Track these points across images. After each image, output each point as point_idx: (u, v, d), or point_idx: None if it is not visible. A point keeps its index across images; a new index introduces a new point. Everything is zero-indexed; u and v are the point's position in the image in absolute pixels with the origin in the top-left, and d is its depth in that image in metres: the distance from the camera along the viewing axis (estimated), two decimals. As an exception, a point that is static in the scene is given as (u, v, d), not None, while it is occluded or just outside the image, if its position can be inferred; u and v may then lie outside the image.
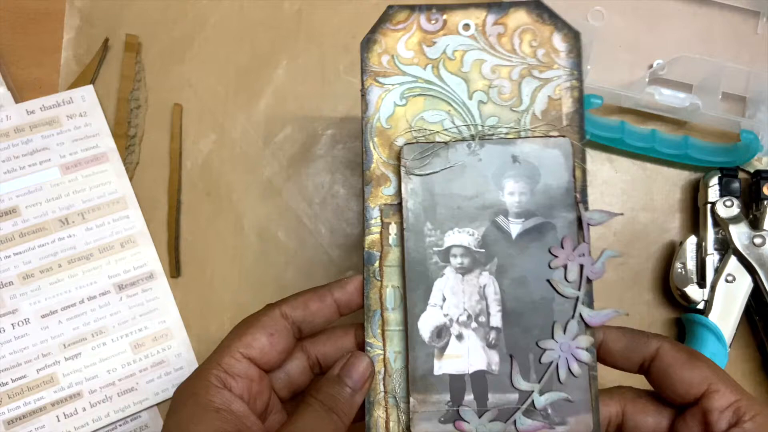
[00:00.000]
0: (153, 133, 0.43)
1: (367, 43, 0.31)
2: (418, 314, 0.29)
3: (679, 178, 0.43)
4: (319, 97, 0.44)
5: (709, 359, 0.28)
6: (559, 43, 0.30)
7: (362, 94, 0.30)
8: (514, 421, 0.28)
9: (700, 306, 0.40)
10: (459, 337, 0.29)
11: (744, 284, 0.39)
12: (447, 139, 0.30)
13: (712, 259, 0.40)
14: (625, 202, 0.43)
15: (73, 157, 0.41)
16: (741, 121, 0.41)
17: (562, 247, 0.29)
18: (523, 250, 0.29)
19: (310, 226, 0.42)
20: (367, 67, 0.31)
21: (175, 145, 0.43)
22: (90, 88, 0.42)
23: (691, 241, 0.41)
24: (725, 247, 0.40)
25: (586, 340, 0.28)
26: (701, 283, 0.40)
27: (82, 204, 0.41)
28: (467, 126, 0.30)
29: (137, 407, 0.40)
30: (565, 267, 0.29)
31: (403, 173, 0.30)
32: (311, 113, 0.44)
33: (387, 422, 0.29)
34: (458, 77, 0.30)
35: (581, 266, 0.29)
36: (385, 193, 0.30)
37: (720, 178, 0.41)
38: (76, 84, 0.42)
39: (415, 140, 0.30)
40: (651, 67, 0.44)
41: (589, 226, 0.29)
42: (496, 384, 0.28)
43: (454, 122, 0.30)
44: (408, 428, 0.28)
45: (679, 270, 0.40)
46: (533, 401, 0.28)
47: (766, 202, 0.40)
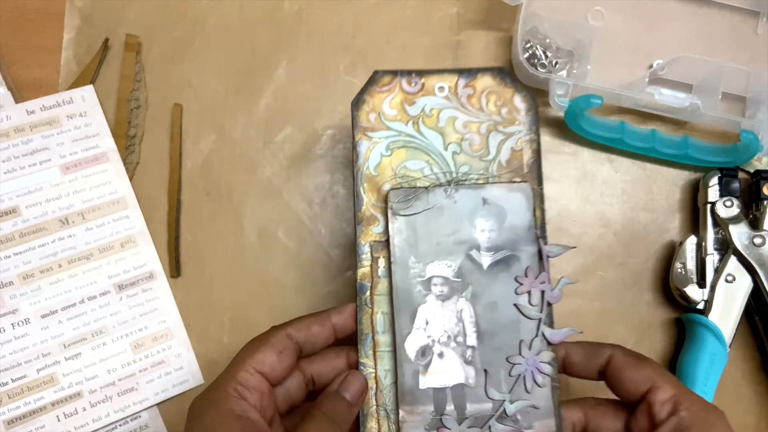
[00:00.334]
0: (153, 133, 0.43)
1: (357, 103, 0.35)
2: (404, 336, 0.33)
3: (679, 178, 0.43)
4: (319, 97, 0.44)
5: (654, 362, 0.32)
6: (520, 103, 0.35)
7: (353, 147, 0.35)
8: (489, 427, 0.32)
9: (700, 306, 0.40)
10: (440, 355, 0.33)
11: (744, 284, 0.39)
12: (427, 184, 0.34)
13: (712, 259, 0.40)
14: (625, 202, 0.43)
15: (73, 157, 0.41)
16: (741, 121, 0.41)
17: (526, 276, 0.33)
18: (494, 279, 0.33)
19: (310, 226, 0.42)
20: (358, 123, 0.35)
21: (175, 145, 0.43)
22: (90, 88, 0.42)
23: (691, 241, 0.41)
24: (725, 247, 0.40)
25: (548, 355, 0.32)
26: (701, 283, 0.40)
27: (82, 204, 0.41)
28: (444, 173, 0.35)
29: (137, 407, 0.40)
30: (529, 293, 0.33)
31: (389, 214, 0.34)
32: (311, 113, 0.44)
33: None
34: (435, 131, 0.35)
35: (542, 292, 0.33)
36: (374, 231, 0.34)
37: (720, 178, 0.41)
38: (76, 84, 0.42)
39: (399, 186, 0.34)
40: (651, 67, 0.44)
41: (549, 257, 0.33)
42: (473, 395, 0.32)
43: (432, 170, 0.35)
44: None
45: (679, 270, 0.40)
46: (505, 409, 0.32)
47: (766, 202, 0.40)
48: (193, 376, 0.41)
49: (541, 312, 0.33)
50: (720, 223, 0.40)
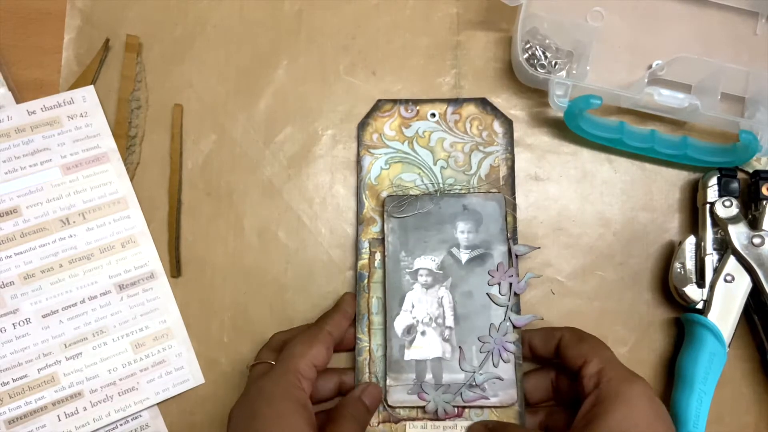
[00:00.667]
0: (153, 134, 0.43)
1: (362, 126, 0.43)
2: (394, 317, 0.39)
3: (678, 178, 0.43)
4: (319, 97, 0.44)
5: (595, 339, 0.36)
6: (498, 127, 0.43)
7: (357, 161, 0.42)
8: (461, 394, 0.38)
9: (700, 306, 0.40)
10: (423, 334, 0.39)
11: (743, 284, 0.40)
12: (418, 193, 0.41)
13: (711, 259, 0.40)
14: (625, 202, 0.43)
15: (74, 157, 0.42)
16: (740, 121, 0.41)
17: (497, 270, 0.40)
18: (470, 272, 0.40)
19: (310, 226, 0.43)
20: (362, 141, 0.43)
21: (176, 145, 0.43)
22: (91, 88, 0.42)
23: (690, 241, 0.41)
24: (724, 247, 0.40)
25: (513, 336, 0.39)
26: (700, 283, 0.40)
27: (83, 204, 0.41)
28: (432, 184, 0.42)
29: (138, 407, 0.40)
30: (500, 284, 0.40)
31: (385, 216, 0.41)
32: (311, 113, 0.44)
33: None
34: (426, 150, 0.42)
35: (510, 284, 0.40)
36: (373, 230, 0.41)
37: (719, 179, 0.41)
38: (77, 84, 0.43)
39: (394, 193, 0.42)
40: (650, 67, 0.44)
41: (517, 256, 0.40)
42: (449, 367, 0.39)
43: (423, 181, 0.42)
44: (385, 399, 0.38)
45: (679, 270, 0.41)
46: (474, 379, 0.39)
47: (765, 202, 0.40)
48: (194, 376, 0.41)
49: (509, 300, 0.40)
50: (719, 223, 0.40)
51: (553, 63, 0.43)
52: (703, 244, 0.41)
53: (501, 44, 0.44)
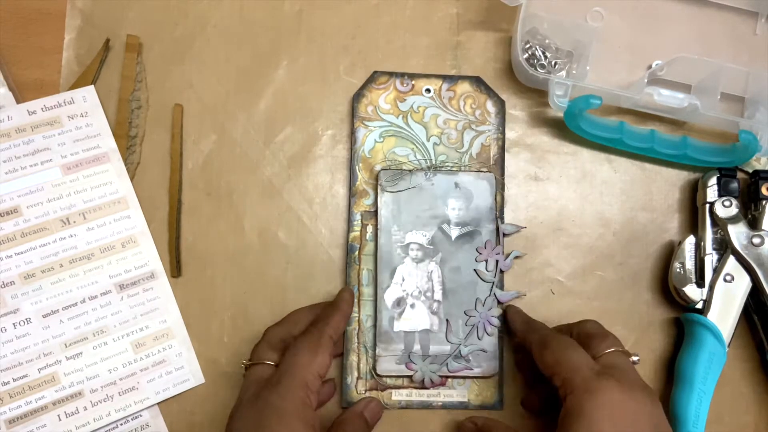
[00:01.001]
0: (154, 134, 0.43)
1: (358, 97, 0.43)
2: (384, 289, 0.41)
3: (678, 178, 0.43)
4: (319, 97, 0.44)
5: (563, 342, 0.34)
6: (491, 107, 0.43)
7: (352, 132, 0.43)
8: (447, 364, 0.40)
9: (699, 306, 0.40)
10: (412, 306, 0.41)
11: (742, 284, 0.40)
12: (411, 168, 0.42)
13: (711, 259, 0.40)
14: (624, 202, 0.43)
15: (75, 157, 0.42)
16: (740, 121, 0.41)
17: (485, 248, 0.41)
18: (459, 248, 0.41)
19: (310, 226, 0.43)
20: (357, 113, 0.43)
21: (176, 145, 0.43)
22: (91, 88, 0.42)
23: (690, 241, 0.41)
24: (724, 246, 0.40)
25: (497, 311, 0.41)
26: (700, 283, 0.40)
27: (84, 204, 0.41)
28: (425, 160, 0.42)
29: (138, 406, 0.40)
30: (486, 261, 0.41)
31: (379, 190, 0.41)
32: (311, 113, 0.44)
33: (359, 363, 0.41)
34: (420, 125, 0.43)
35: (497, 261, 0.41)
36: (365, 203, 0.42)
37: (719, 178, 0.41)
38: (78, 84, 0.43)
39: (388, 167, 0.42)
40: (650, 67, 0.44)
41: (504, 234, 0.42)
42: (436, 339, 0.40)
43: (416, 156, 0.42)
44: (374, 368, 0.40)
45: (678, 270, 0.41)
46: (460, 351, 0.40)
47: (764, 202, 0.40)
48: (194, 376, 0.41)
49: (495, 277, 0.41)
50: (719, 223, 0.40)
51: (553, 63, 0.43)
52: (702, 244, 0.41)
53: (501, 44, 0.44)
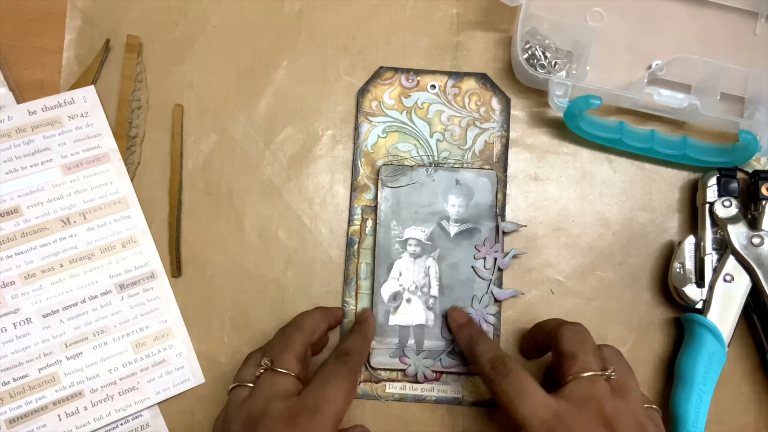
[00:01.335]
0: (154, 134, 0.43)
1: (362, 92, 0.43)
2: (381, 283, 0.41)
3: (678, 178, 0.43)
4: (319, 98, 0.44)
5: (512, 371, 0.33)
6: (496, 104, 0.43)
7: (355, 127, 0.43)
8: (440, 359, 0.40)
9: (699, 306, 0.40)
10: (408, 301, 0.41)
11: (742, 284, 0.40)
12: (412, 163, 0.42)
13: (711, 259, 0.40)
14: (624, 202, 0.43)
15: (75, 157, 0.42)
16: (739, 121, 0.41)
17: (484, 245, 0.41)
18: (458, 245, 0.41)
19: (310, 226, 0.43)
20: (361, 108, 0.43)
21: (176, 145, 0.43)
22: (91, 88, 0.42)
23: (690, 241, 0.41)
24: (724, 246, 0.40)
25: (494, 308, 0.41)
26: (700, 283, 0.40)
27: (84, 204, 0.41)
28: (427, 156, 0.42)
29: (138, 406, 0.40)
30: (485, 259, 0.41)
31: (379, 185, 0.42)
32: (311, 113, 0.44)
33: None
34: (424, 121, 0.43)
35: (495, 259, 0.41)
36: (366, 197, 0.42)
37: (718, 179, 0.41)
38: (78, 84, 0.43)
39: (390, 162, 0.42)
40: (650, 67, 0.44)
41: (504, 233, 0.42)
42: (431, 334, 0.41)
43: (418, 152, 0.43)
44: (368, 360, 0.40)
45: (678, 270, 0.41)
46: (454, 347, 0.40)
47: (764, 202, 0.40)
48: (194, 375, 0.41)
49: (492, 275, 0.41)
50: (718, 223, 0.40)
51: (553, 63, 0.43)
52: (702, 244, 0.41)
53: (501, 44, 0.44)
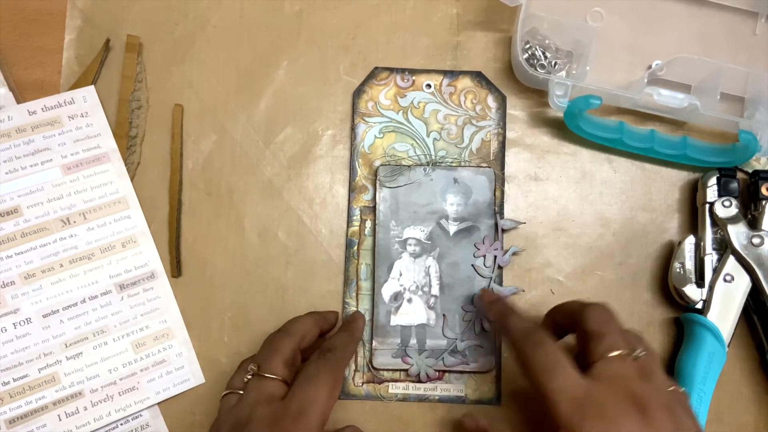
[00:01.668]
0: (154, 134, 0.43)
1: (358, 93, 0.43)
2: (382, 283, 0.41)
3: (678, 178, 0.43)
4: (319, 98, 0.44)
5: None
6: (492, 102, 0.43)
7: (352, 128, 0.43)
8: (443, 358, 0.40)
9: (699, 306, 0.40)
10: (409, 301, 0.41)
11: (742, 284, 0.40)
12: (410, 163, 0.42)
13: (711, 259, 0.40)
14: (624, 202, 0.43)
15: (75, 157, 0.42)
16: (739, 121, 0.41)
17: (483, 243, 0.41)
18: (457, 244, 0.41)
19: (310, 226, 0.43)
20: (357, 109, 0.43)
21: (176, 145, 0.43)
22: (91, 88, 0.42)
23: (690, 241, 0.41)
24: (724, 246, 0.40)
25: None
26: (700, 283, 0.40)
27: (84, 204, 0.41)
28: (424, 155, 0.43)
29: (138, 406, 0.40)
30: (485, 257, 0.41)
31: (378, 185, 0.42)
32: (311, 113, 0.44)
33: (356, 357, 0.41)
34: (420, 120, 0.43)
35: (495, 257, 0.41)
36: (365, 198, 0.42)
37: (718, 179, 0.41)
38: (78, 84, 0.43)
39: (387, 163, 0.42)
40: (650, 67, 0.44)
41: (503, 230, 0.42)
42: (432, 333, 0.41)
43: (415, 152, 0.43)
44: (371, 361, 0.41)
45: (678, 270, 0.41)
46: (456, 346, 0.41)
47: (764, 202, 0.40)
48: (194, 376, 0.41)
49: (493, 273, 0.41)
50: (718, 223, 0.40)
51: (553, 63, 0.43)
52: (702, 244, 0.41)
53: (501, 44, 0.44)
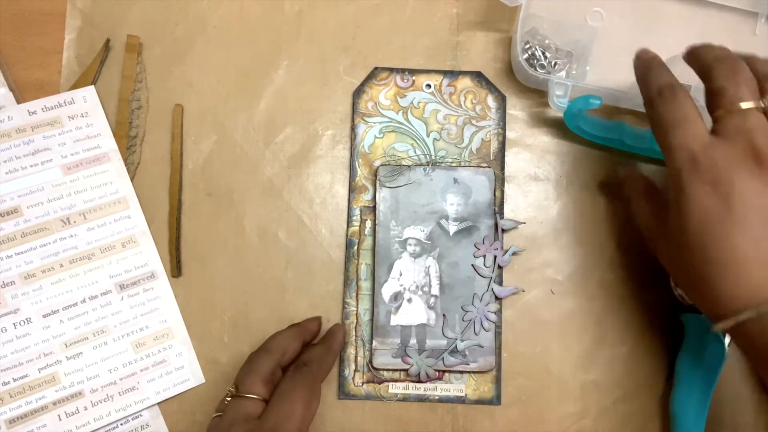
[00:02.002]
0: (154, 134, 0.43)
1: (358, 93, 0.43)
2: (382, 283, 0.41)
3: (678, 178, 0.43)
4: (319, 97, 0.44)
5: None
6: (492, 102, 0.43)
7: (352, 128, 0.43)
8: (443, 359, 0.40)
9: (699, 305, 0.40)
10: (409, 301, 0.41)
11: (742, 284, 0.39)
12: (410, 163, 0.42)
13: (711, 259, 0.40)
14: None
15: (75, 157, 0.42)
16: (739, 121, 0.41)
17: (483, 243, 0.41)
18: (457, 244, 0.41)
19: (310, 226, 0.43)
20: (357, 109, 0.43)
21: (176, 145, 0.43)
22: (91, 88, 0.42)
23: (690, 241, 0.41)
24: (724, 246, 0.40)
25: (494, 306, 0.41)
26: (700, 283, 0.40)
27: (84, 204, 0.41)
28: (424, 155, 0.43)
29: (138, 406, 0.40)
30: (485, 257, 0.41)
31: (378, 185, 0.42)
32: (311, 113, 0.44)
33: (356, 357, 0.41)
34: (420, 121, 0.43)
35: (495, 257, 0.41)
36: (365, 198, 0.42)
37: (718, 178, 0.41)
38: (78, 85, 0.43)
39: (387, 163, 0.42)
40: (650, 67, 0.44)
41: (503, 230, 0.42)
42: (432, 333, 0.41)
43: (415, 152, 0.43)
44: (371, 361, 0.41)
45: (678, 270, 0.40)
46: (456, 346, 0.41)
47: (764, 202, 0.40)
48: (194, 376, 0.41)
49: (493, 272, 0.41)
50: (719, 223, 0.40)
51: (553, 63, 0.43)
52: (702, 244, 0.41)
53: (501, 45, 0.44)
